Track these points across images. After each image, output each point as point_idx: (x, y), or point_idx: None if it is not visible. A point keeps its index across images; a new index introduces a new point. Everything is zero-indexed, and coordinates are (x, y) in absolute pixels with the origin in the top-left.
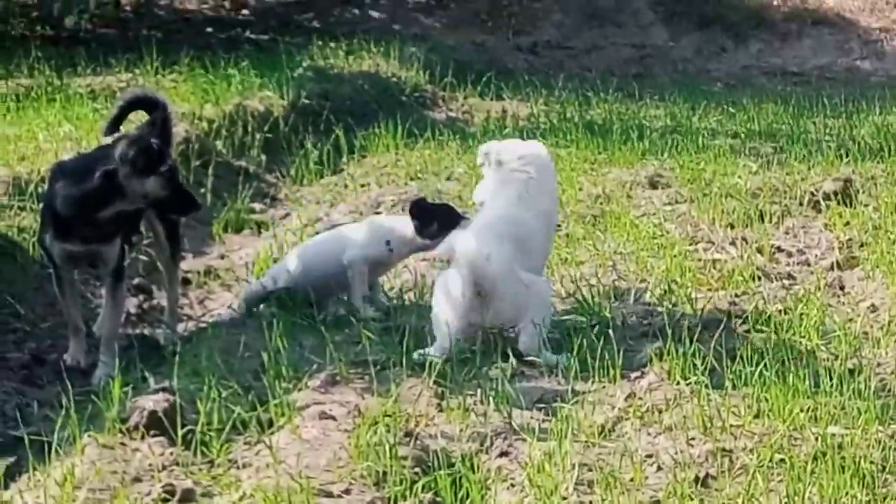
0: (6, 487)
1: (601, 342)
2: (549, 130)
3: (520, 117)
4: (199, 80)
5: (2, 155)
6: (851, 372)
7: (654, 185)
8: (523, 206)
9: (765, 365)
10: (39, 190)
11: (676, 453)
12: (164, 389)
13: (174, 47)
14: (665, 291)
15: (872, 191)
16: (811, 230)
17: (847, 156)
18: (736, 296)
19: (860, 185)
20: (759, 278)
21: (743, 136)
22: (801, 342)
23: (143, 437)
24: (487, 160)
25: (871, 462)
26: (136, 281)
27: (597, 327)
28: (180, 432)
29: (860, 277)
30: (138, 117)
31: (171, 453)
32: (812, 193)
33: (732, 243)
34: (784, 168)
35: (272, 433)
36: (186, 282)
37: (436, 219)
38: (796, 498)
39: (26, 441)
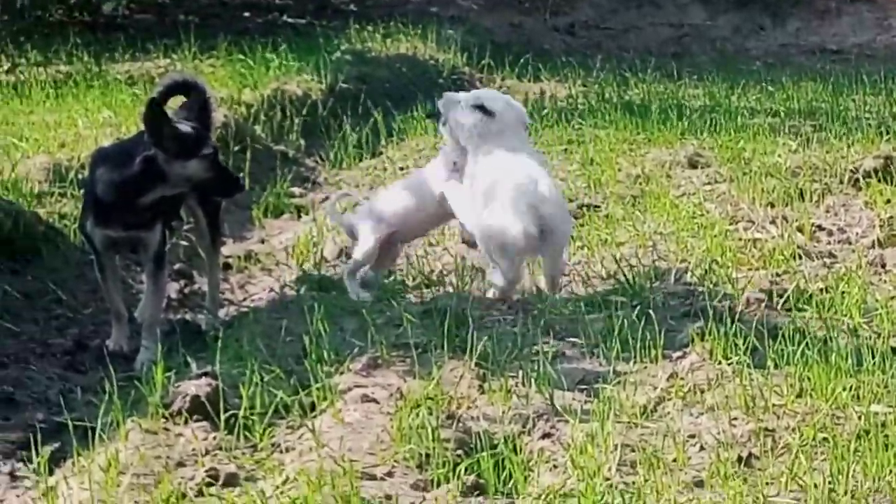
0: (51, 473)
1: (642, 323)
2: (588, 111)
3: (558, 98)
4: (237, 65)
5: (42, 141)
6: (894, 350)
7: (693, 165)
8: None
9: (807, 344)
10: (80, 176)
11: (719, 433)
12: (206, 374)
13: (212, 32)
14: (706, 271)
15: None
16: (852, 208)
17: (887, 133)
18: (777, 275)
19: None
20: (800, 257)
21: (782, 114)
22: (842, 321)
23: (186, 422)
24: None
25: None
26: (177, 266)
27: (638, 307)
28: (223, 417)
29: None
30: (177, 102)
31: (215, 438)
32: (852, 171)
33: (773, 222)
34: (824, 146)
35: (314, 417)
36: (227, 266)
37: None
38: (840, 477)
39: (70, 427)
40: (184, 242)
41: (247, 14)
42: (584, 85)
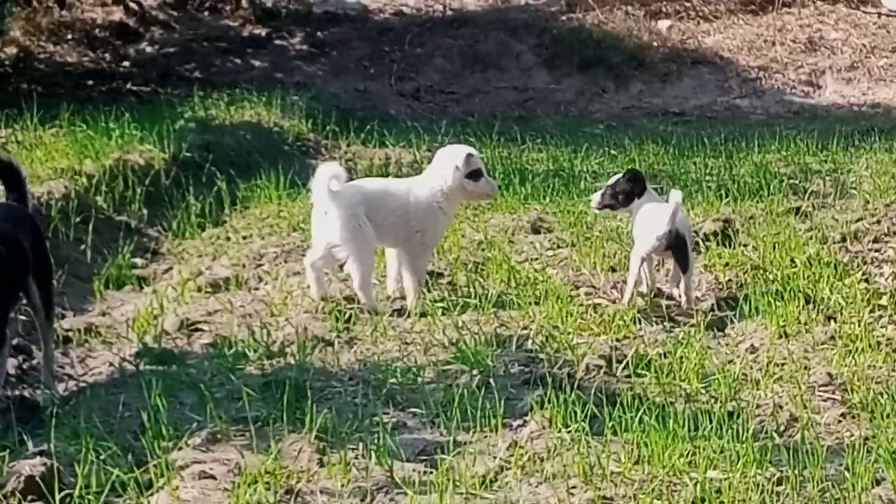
0: None
1: (483, 391)
2: None
3: (403, 163)
4: (79, 135)
5: None
6: (731, 415)
7: (536, 230)
8: None
9: (645, 410)
10: None
11: (557, 502)
12: (41, 453)
13: (54, 101)
14: (547, 338)
15: (751, 230)
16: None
17: (727, 196)
18: (617, 340)
19: (740, 225)
20: (641, 322)
21: None
22: (681, 386)
23: (20, 503)
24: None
25: None
26: (15, 341)
27: (478, 376)
28: (58, 497)
29: (740, 318)
30: None
31: None
32: (693, 235)
33: (614, 287)
34: None
35: (151, 494)
36: (67, 340)
37: None
38: None
39: None
40: (22, 317)
41: (90, 82)
42: (430, 150)
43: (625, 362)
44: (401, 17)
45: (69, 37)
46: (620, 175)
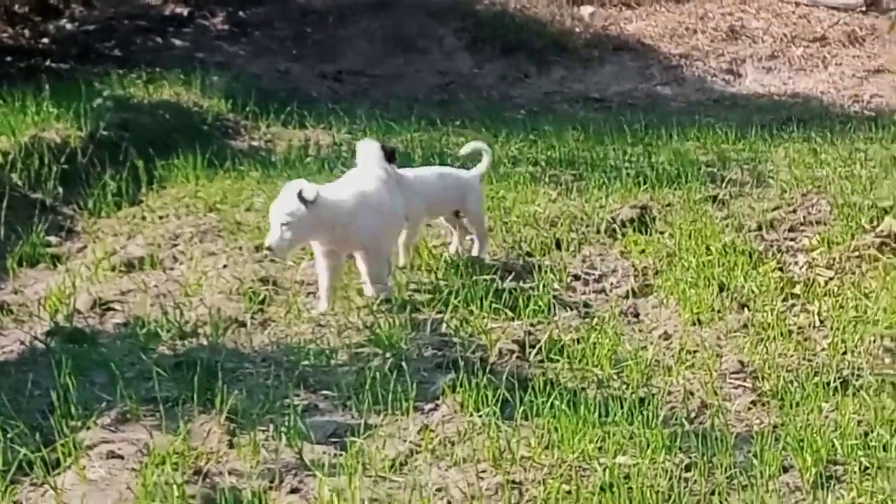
0: None
1: (395, 374)
2: (351, 159)
3: (322, 146)
4: None
5: None
6: (642, 401)
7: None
8: None
9: (556, 395)
10: None
11: (466, 486)
12: None
13: None
14: (462, 322)
15: (668, 218)
16: (608, 258)
17: (645, 183)
18: (531, 325)
19: (657, 212)
20: (555, 307)
21: (543, 163)
22: (593, 371)
23: None
24: None
25: (658, 491)
26: None
27: (391, 359)
28: None
29: (654, 305)
30: None
31: None
32: (610, 221)
33: (530, 272)
34: (583, 195)
35: (58, 474)
36: None
37: None
38: None
39: None
40: None
41: (8, 58)
42: (349, 132)
43: (538, 347)
44: None
45: None
46: None
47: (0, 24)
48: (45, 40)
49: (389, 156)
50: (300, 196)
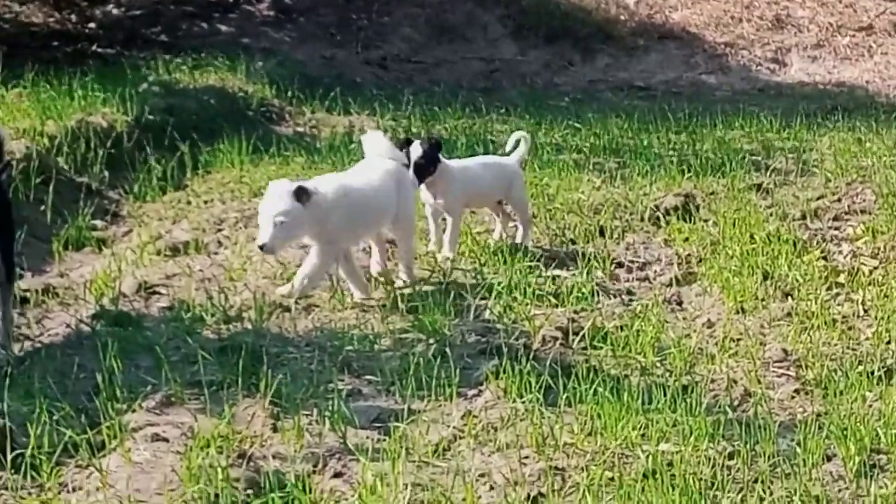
0: None
1: (439, 360)
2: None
3: (366, 132)
4: (42, 96)
5: None
6: (685, 389)
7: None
8: None
9: (599, 382)
10: None
11: (509, 472)
12: None
13: (19, 61)
14: (505, 308)
15: (712, 206)
16: (651, 246)
17: (689, 171)
18: (575, 312)
19: (701, 200)
20: (599, 294)
21: (587, 151)
22: (636, 359)
23: None
24: None
25: (701, 479)
26: None
27: (435, 345)
28: (10, 456)
29: (698, 293)
30: None
31: (0, 477)
32: (653, 209)
33: (573, 259)
34: (627, 183)
35: (103, 456)
36: (24, 300)
37: None
38: None
39: None
40: None
41: (55, 43)
42: (394, 119)
43: (581, 334)
44: None
45: None
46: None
47: (47, 10)
48: (92, 25)
49: (434, 148)
50: (296, 194)
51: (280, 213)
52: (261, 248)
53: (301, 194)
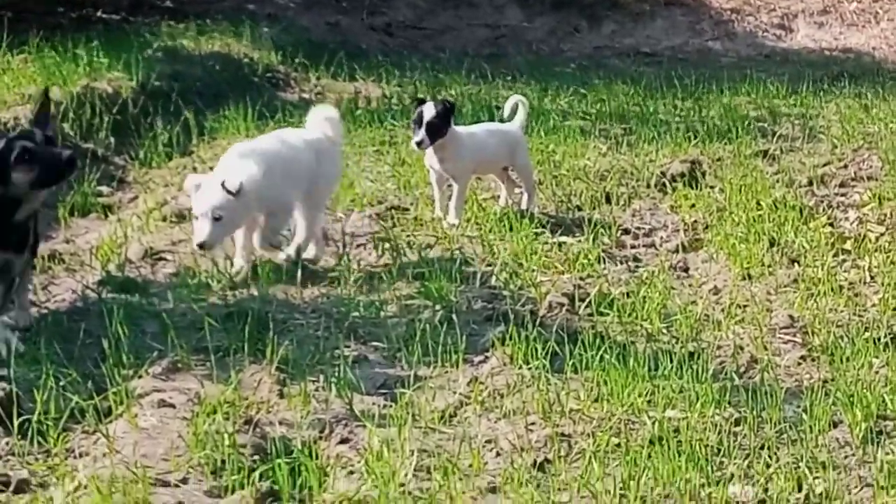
0: None
1: (445, 327)
2: (401, 112)
3: (372, 98)
4: (47, 61)
5: None
6: (691, 355)
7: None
8: None
9: (606, 349)
10: None
11: (516, 438)
12: (0, 378)
13: (24, 27)
14: (511, 275)
15: (718, 172)
16: (658, 212)
17: (695, 137)
18: (581, 279)
19: (707, 166)
20: (605, 261)
21: (593, 117)
22: (642, 325)
23: None
24: None
25: (707, 445)
26: None
27: (441, 311)
28: (16, 422)
29: (704, 260)
30: None
31: (7, 443)
32: (660, 175)
33: (579, 226)
34: (633, 150)
35: (110, 422)
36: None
37: None
38: (632, 482)
39: None
40: None
41: (60, 9)
42: (399, 85)
43: (587, 301)
44: None
45: None
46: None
47: None
48: None
49: (448, 110)
50: (224, 188)
51: (215, 208)
52: (200, 246)
53: (227, 188)
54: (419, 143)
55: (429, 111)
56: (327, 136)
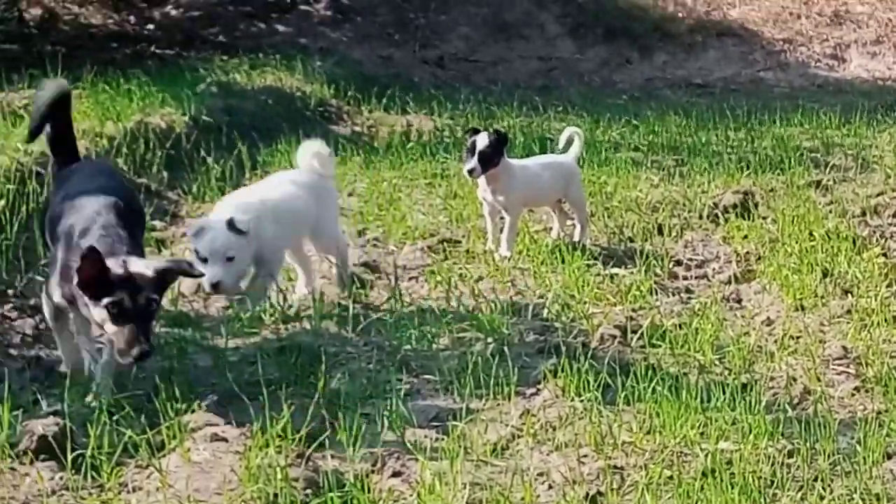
0: None
1: (497, 359)
2: (453, 145)
3: (424, 131)
4: (101, 97)
5: None
6: (744, 387)
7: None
8: None
9: (658, 381)
10: None
11: (568, 471)
12: (55, 413)
13: (78, 62)
14: (563, 307)
15: (771, 203)
16: (710, 243)
17: (748, 168)
18: (633, 310)
19: (759, 197)
20: (657, 292)
21: (645, 148)
22: (695, 357)
23: (32, 462)
24: None
25: (760, 477)
26: (31, 301)
27: (493, 344)
28: (70, 457)
29: (757, 291)
30: None
31: (61, 478)
32: (712, 206)
33: (631, 257)
34: (685, 181)
35: (163, 456)
36: None
37: None
38: None
39: None
40: (40, 277)
41: (114, 45)
42: (452, 118)
43: (640, 333)
44: None
45: None
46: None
47: (106, 11)
48: (151, 27)
49: (500, 141)
50: (233, 227)
51: (227, 249)
52: (214, 287)
53: (237, 228)
54: (471, 172)
55: (482, 141)
56: (319, 174)
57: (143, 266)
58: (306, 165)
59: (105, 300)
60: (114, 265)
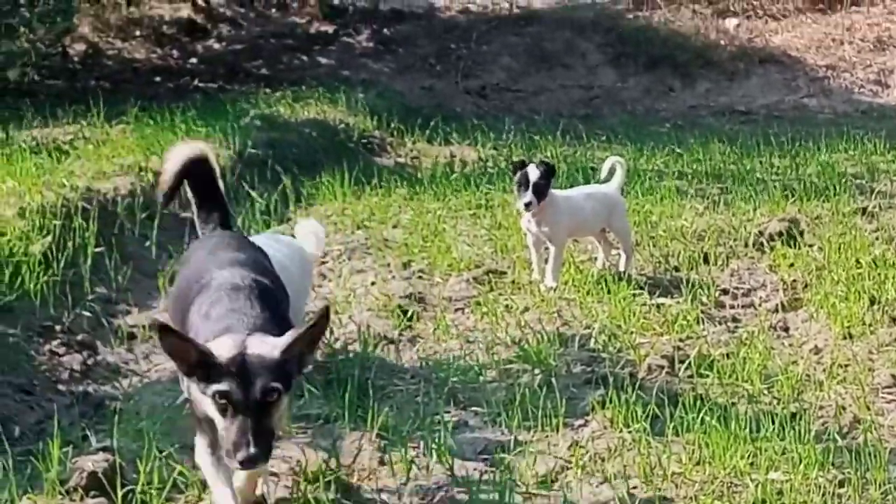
0: None
1: (544, 391)
2: (497, 175)
3: (468, 161)
4: (146, 131)
5: None
6: (793, 416)
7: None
8: None
9: (706, 411)
10: None
11: (617, 503)
12: (104, 449)
13: (122, 97)
14: (609, 337)
15: (817, 231)
16: (756, 272)
17: (793, 196)
18: (680, 340)
19: (805, 225)
20: (704, 322)
21: (689, 176)
22: (743, 386)
23: (82, 499)
24: None
25: None
26: (79, 337)
27: (540, 375)
28: (120, 493)
29: (804, 319)
30: None
31: None
32: (758, 234)
33: (678, 287)
34: (730, 209)
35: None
36: (131, 336)
37: None
38: None
39: None
40: (87, 313)
41: (157, 79)
42: (495, 148)
43: (687, 363)
44: (467, 15)
45: (137, 33)
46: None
47: (149, 45)
48: (194, 61)
49: (550, 172)
50: None
51: None
52: None
53: None
54: (528, 205)
55: (534, 173)
56: (311, 251)
57: (270, 346)
58: (303, 239)
59: (213, 388)
60: (226, 345)
